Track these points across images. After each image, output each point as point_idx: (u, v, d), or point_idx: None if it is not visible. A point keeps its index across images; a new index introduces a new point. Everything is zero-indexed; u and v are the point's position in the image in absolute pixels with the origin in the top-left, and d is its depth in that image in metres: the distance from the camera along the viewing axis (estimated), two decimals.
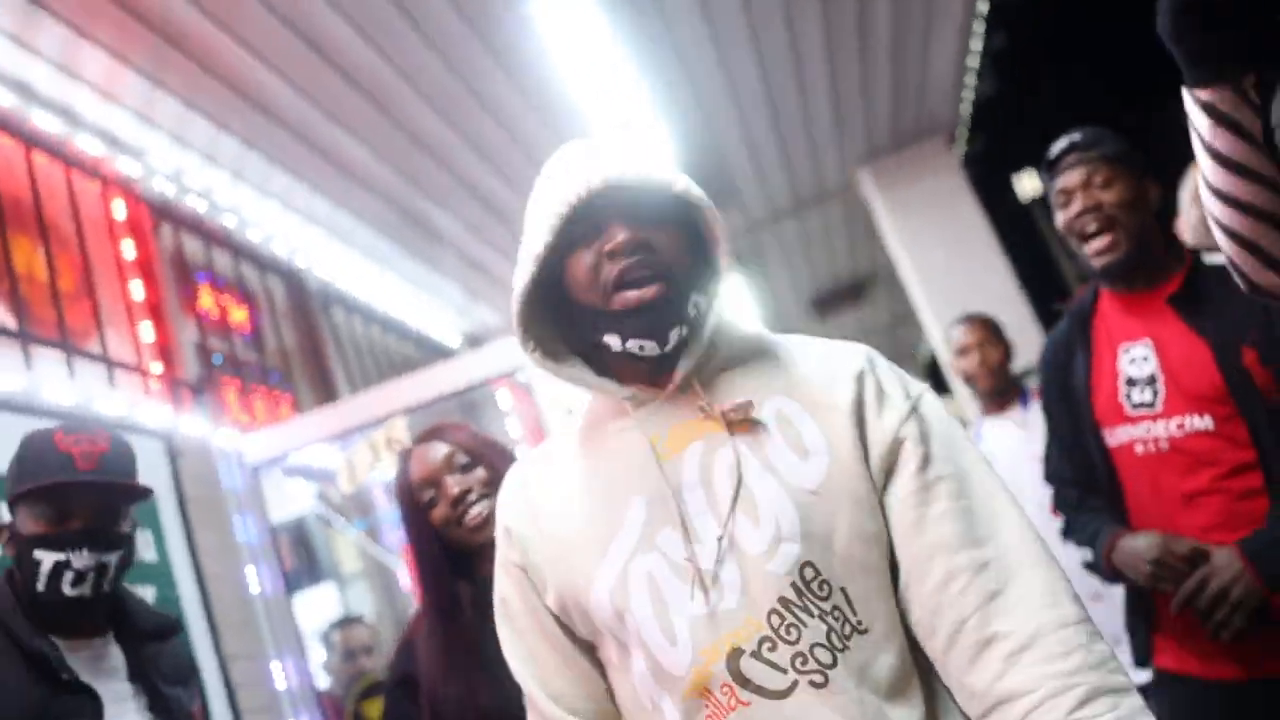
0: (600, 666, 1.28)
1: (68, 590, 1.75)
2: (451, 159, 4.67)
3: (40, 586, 1.74)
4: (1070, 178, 2.09)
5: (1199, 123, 1.16)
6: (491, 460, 1.98)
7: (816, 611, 1.14)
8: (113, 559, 1.81)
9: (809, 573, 1.14)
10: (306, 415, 3.68)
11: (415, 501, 1.96)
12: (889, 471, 1.18)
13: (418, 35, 3.79)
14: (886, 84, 5.71)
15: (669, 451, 1.22)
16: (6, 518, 1.83)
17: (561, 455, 1.32)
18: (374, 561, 4.81)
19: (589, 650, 1.27)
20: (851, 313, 9.51)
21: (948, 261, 6.21)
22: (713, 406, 1.21)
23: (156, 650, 1.92)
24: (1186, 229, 2.15)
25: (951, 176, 6.58)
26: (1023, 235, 16.49)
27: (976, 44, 5.56)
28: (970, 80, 6.00)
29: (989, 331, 3.65)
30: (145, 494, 1.87)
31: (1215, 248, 1.87)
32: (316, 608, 4.73)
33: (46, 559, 1.74)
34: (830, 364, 1.25)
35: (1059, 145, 2.14)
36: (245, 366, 3.97)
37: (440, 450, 1.97)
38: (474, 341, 6.60)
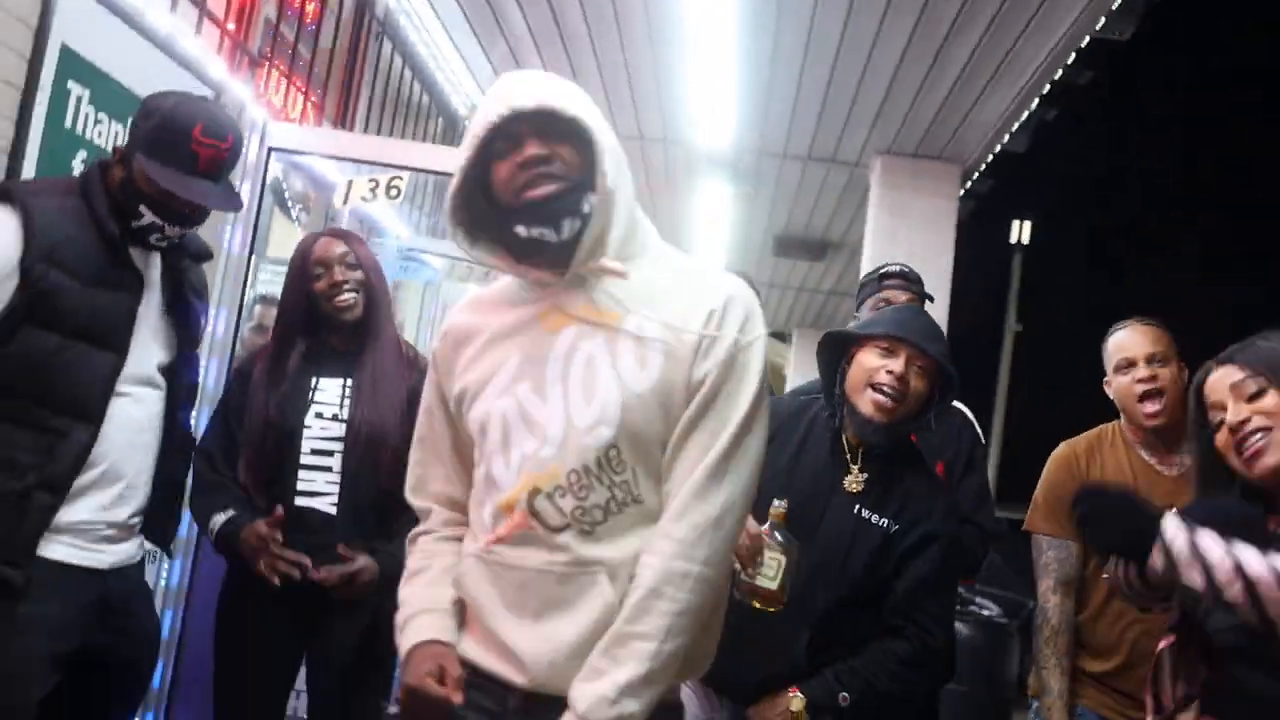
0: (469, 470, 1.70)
1: (152, 240, 2.28)
2: None
3: (133, 224, 2.23)
4: (897, 295, 2.90)
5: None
6: (370, 272, 2.73)
7: (607, 482, 1.54)
8: (191, 230, 2.35)
9: (613, 453, 1.54)
10: (338, 132, 4.15)
11: (306, 271, 2.69)
12: (689, 397, 1.55)
13: None
14: (938, 101, 6.21)
15: (550, 327, 1.60)
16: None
17: (481, 310, 1.72)
18: None
19: (468, 456, 1.71)
20: (805, 264, 10.13)
21: None
22: (594, 312, 1.59)
23: (191, 266, 2.48)
24: (1111, 389, 2.73)
25: (948, 205, 7.18)
26: (996, 272, 17.47)
27: (1024, 113, 6.11)
28: (1005, 138, 6.55)
29: None
30: (238, 208, 2.39)
31: (1129, 405, 2.66)
32: None
33: (148, 215, 2.22)
34: (694, 299, 1.58)
35: (893, 268, 3.00)
36: (296, 58, 4.40)
37: (340, 247, 2.71)
38: None
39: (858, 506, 2.30)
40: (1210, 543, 1.64)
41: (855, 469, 2.34)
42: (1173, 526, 1.67)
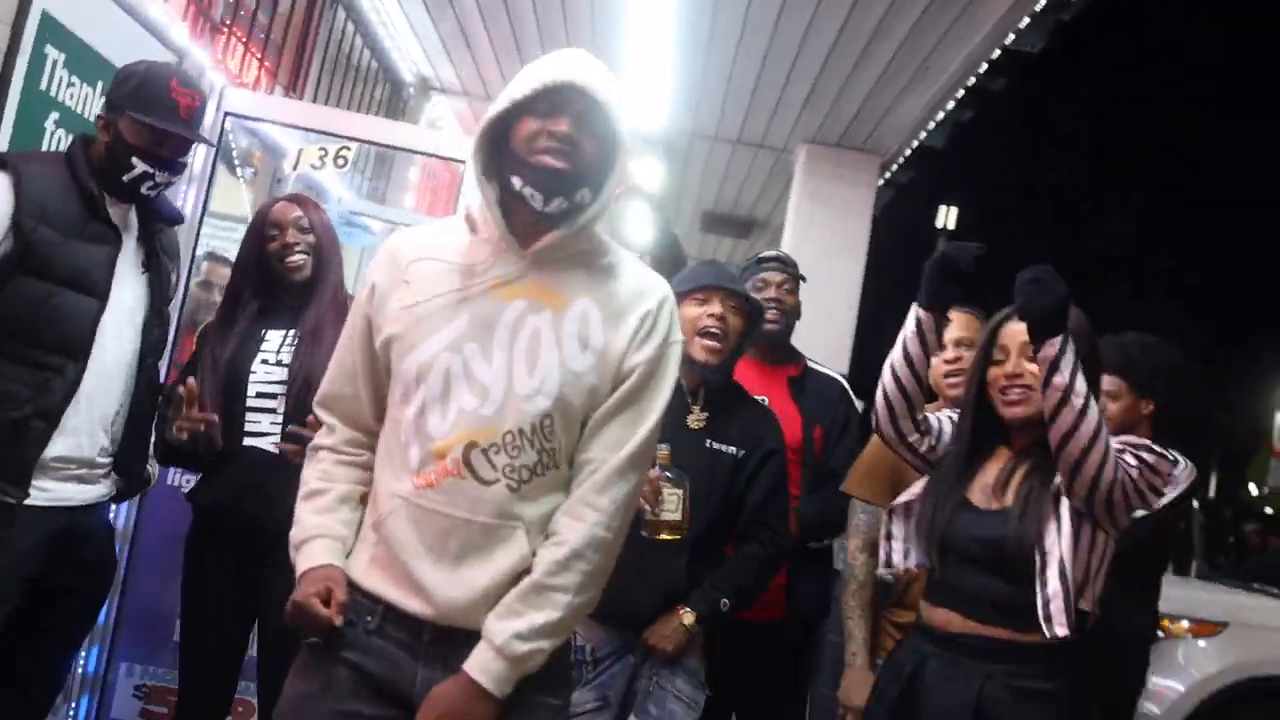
0: (382, 401, 1.79)
1: (143, 190, 2.51)
2: None
3: (125, 178, 2.47)
4: (772, 276, 3.29)
5: (908, 323, 2.19)
6: (321, 236, 2.91)
7: (537, 446, 1.67)
8: (177, 178, 2.56)
9: (546, 421, 1.67)
10: (292, 101, 4.31)
11: (262, 231, 2.88)
12: (615, 383, 1.72)
13: None
14: (861, 95, 6.52)
15: (504, 295, 1.70)
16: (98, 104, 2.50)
17: (437, 247, 1.78)
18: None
19: (382, 386, 1.78)
20: (731, 240, 10.43)
21: (820, 256, 7.09)
22: (545, 291, 1.71)
23: (163, 229, 2.69)
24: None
25: (866, 193, 7.53)
26: (919, 256, 18.10)
27: (940, 113, 6.45)
28: (922, 134, 6.90)
29: None
30: (212, 144, 2.59)
31: (938, 381, 2.95)
32: None
33: (140, 165, 2.46)
34: (634, 297, 1.75)
35: (769, 253, 3.39)
36: (255, 24, 4.54)
37: (295, 211, 2.90)
38: (424, 87, 7.15)
39: (707, 440, 2.67)
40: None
41: (696, 408, 2.69)
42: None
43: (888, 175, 7.86)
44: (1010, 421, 2.23)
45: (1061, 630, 2.02)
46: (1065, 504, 2.12)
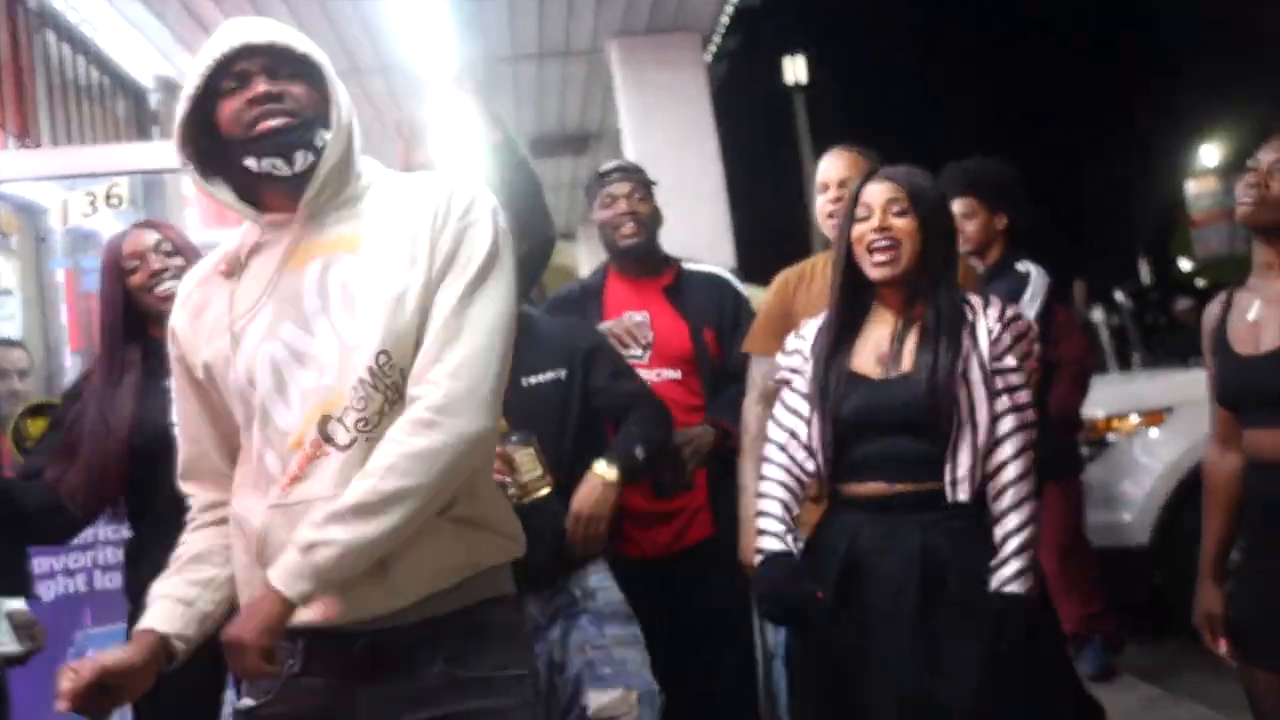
0: (232, 445, 1.76)
1: None
2: None
3: None
4: (619, 188, 3.17)
5: None
6: (188, 255, 2.69)
7: (382, 387, 1.63)
8: None
9: (383, 359, 1.63)
10: (32, 151, 3.89)
11: (119, 267, 2.67)
12: (434, 274, 1.66)
13: None
14: None
15: (296, 265, 1.68)
16: None
17: (213, 275, 1.77)
18: (39, 290, 5.01)
19: (225, 427, 1.77)
20: (570, 160, 10.16)
21: (668, 152, 6.84)
22: (335, 241, 1.70)
23: None
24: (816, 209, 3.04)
25: (696, 72, 7.29)
26: (778, 117, 17.82)
27: None
28: None
29: None
30: None
31: (823, 221, 2.89)
32: None
33: None
34: (420, 200, 1.70)
35: (610, 165, 3.27)
36: None
37: (152, 235, 2.70)
38: (168, 87, 6.64)
39: (523, 380, 2.63)
40: None
41: None
42: None
43: (713, 48, 7.60)
44: (879, 279, 2.33)
45: (964, 497, 2.25)
46: (975, 371, 2.28)
